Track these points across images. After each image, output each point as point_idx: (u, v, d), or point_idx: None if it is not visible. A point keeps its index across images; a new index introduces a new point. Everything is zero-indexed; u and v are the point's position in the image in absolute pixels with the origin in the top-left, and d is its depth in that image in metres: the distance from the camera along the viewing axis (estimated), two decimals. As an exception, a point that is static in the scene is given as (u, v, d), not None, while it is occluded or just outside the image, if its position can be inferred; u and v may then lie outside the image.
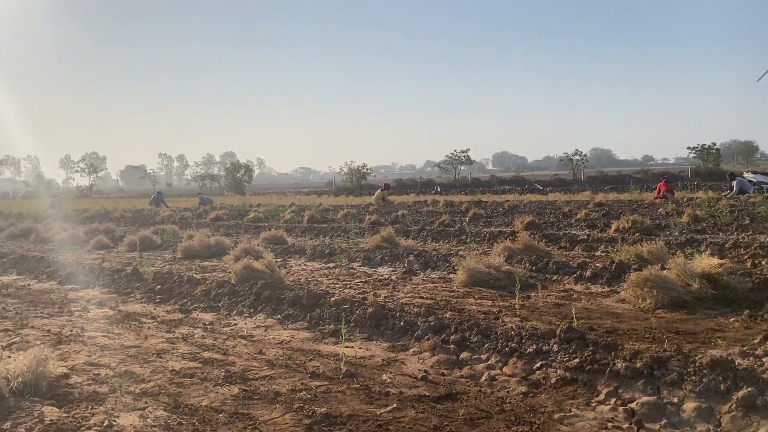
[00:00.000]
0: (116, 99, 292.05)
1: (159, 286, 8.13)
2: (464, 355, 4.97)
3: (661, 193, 23.08)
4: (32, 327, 6.24)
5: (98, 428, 3.44)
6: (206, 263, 10.58)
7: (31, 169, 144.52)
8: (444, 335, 5.30)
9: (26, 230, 18.10)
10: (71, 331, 5.98)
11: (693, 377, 3.91)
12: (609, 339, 4.76)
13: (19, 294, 8.39)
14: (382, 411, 3.72)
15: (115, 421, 3.55)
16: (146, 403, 3.88)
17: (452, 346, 5.09)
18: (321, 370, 4.56)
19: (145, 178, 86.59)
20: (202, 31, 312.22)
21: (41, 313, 7.00)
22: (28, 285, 9.23)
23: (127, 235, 14.75)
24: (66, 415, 3.63)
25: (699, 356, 4.10)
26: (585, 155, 58.78)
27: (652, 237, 10.44)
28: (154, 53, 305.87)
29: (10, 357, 4.33)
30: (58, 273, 9.81)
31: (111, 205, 35.36)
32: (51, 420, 3.52)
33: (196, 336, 5.74)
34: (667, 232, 11.90)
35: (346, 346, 5.09)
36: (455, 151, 63.19)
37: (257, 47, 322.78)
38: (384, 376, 4.45)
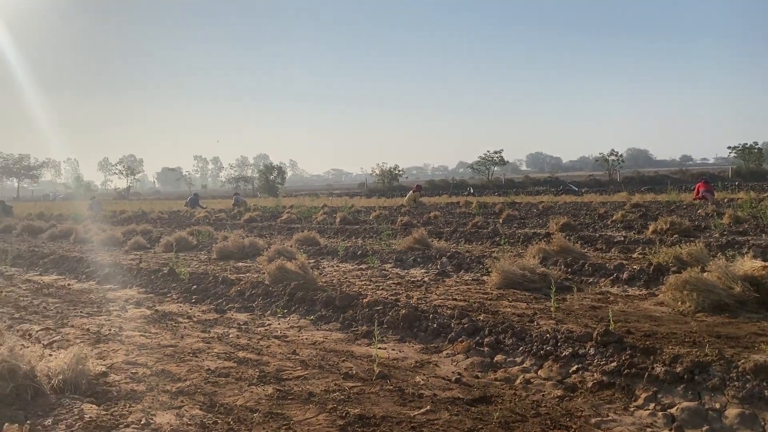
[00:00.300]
0: (153, 103, 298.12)
1: (195, 287, 8.24)
2: (498, 357, 4.92)
3: (700, 194, 22.53)
4: (72, 326, 6.38)
5: (136, 426, 3.50)
6: (240, 264, 10.69)
7: (71, 172, 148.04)
8: (478, 337, 5.26)
9: (66, 231, 18.55)
10: (110, 330, 6.10)
11: (736, 383, 3.80)
12: (647, 343, 4.65)
13: (60, 294, 8.59)
14: (416, 413, 3.70)
15: (152, 419, 3.61)
16: (182, 401, 3.93)
17: (486, 349, 5.04)
18: (354, 371, 4.56)
19: (181, 180, 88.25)
20: (236, 35, 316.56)
21: (81, 312, 7.15)
22: (69, 285, 9.45)
23: (163, 236, 15.00)
24: (105, 412, 3.69)
25: (742, 361, 3.98)
26: (621, 155, 57.86)
27: (692, 239, 10.21)
28: (189, 57, 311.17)
29: (51, 355, 4.43)
30: (96, 273, 10.02)
31: (148, 207, 36.08)
32: (90, 417, 3.58)
33: (230, 336, 5.80)
34: (707, 234, 11.61)
35: (379, 348, 5.08)
36: (488, 151, 62.88)
37: (289, 50, 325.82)
38: (417, 378, 4.43)
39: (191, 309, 7.21)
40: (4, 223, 22.85)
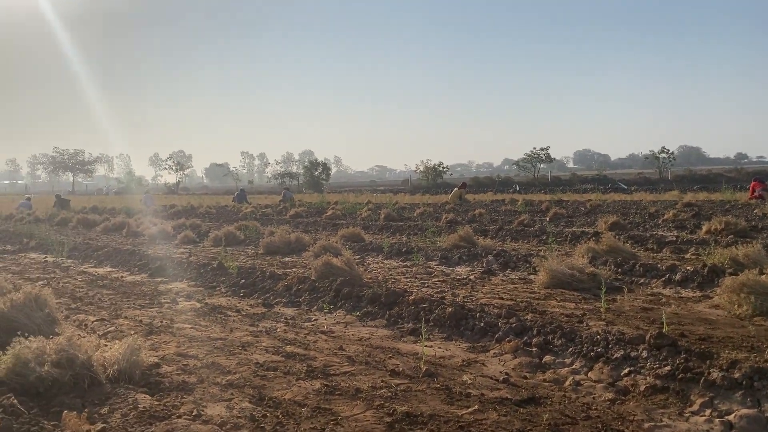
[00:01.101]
0: (202, 99, 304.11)
1: (243, 281, 8.37)
2: (547, 358, 4.84)
3: (756, 193, 21.73)
4: (126, 317, 6.56)
5: (188, 417, 3.57)
6: (287, 259, 10.82)
7: (123, 167, 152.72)
8: (525, 337, 5.19)
9: (119, 225, 19.07)
10: (161, 322, 6.25)
11: (799, 391, 3.65)
12: (703, 346, 4.51)
13: (114, 285, 8.85)
14: (464, 412, 3.67)
15: (203, 410, 3.68)
16: (232, 394, 4.00)
17: (534, 349, 4.97)
18: (401, 369, 4.56)
19: (228, 175, 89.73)
20: (282, 33, 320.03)
21: (133, 304, 7.35)
22: (122, 277, 9.73)
23: (211, 231, 15.29)
24: (158, 403, 3.78)
25: (805, 368, 3.82)
26: (672, 153, 56.39)
27: (748, 239, 9.86)
28: (238, 54, 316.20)
29: (106, 345, 4.56)
30: (148, 266, 10.29)
31: (196, 201, 36.84)
32: (144, 407, 3.68)
33: (278, 330, 5.87)
34: (765, 235, 11.19)
35: (426, 345, 5.07)
36: (534, 149, 62.10)
37: (334, 48, 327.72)
38: (464, 377, 4.40)
39: (240, 303, 7.33)
40: (61, 216, 23.66)
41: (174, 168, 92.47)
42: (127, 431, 3.35)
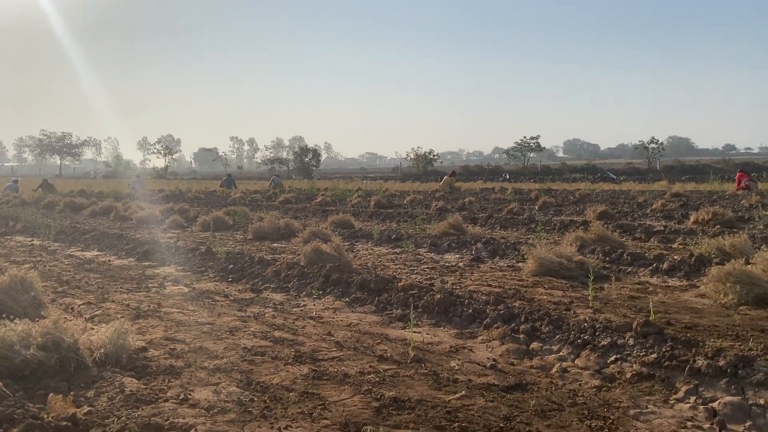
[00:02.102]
0: (192, 84, 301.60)
1: (231, 266, 8.34)
2: (534, 345, 4.87)
3: (742, 184, 21.89)
4: (113, 301, 6.52)
5: (175, 401, 3.56)
6: (276, 245, 10.79)
7: (111, 150, 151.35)
8: (513, 324, 5.21)
9: (107, 208, 18.95)
10: (149, 306, 6.21)
11: (782, 379, 3.69)
12: (688, 335, 4.55)
13: (101, 269, 8.79)
14: (451, 398, 3.69)
15: (190, 394, 3.66)
16: (219, 378, 3.99)
17: (522, 336, 4.99)
18: (389, 354, 4.56)
19: (217, 160, 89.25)
20: (271, 17, 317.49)
21: (121, 288, 7.31)
22: (109, 261, 9.67)
23: (200, 216, 15.21)
24: (144, 386, 3.77)
25: (789, 357, 3.86)
26: (661, 143, 56.63)
27: (735, 230, 9.94)
28: (227, 39, 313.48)
29: (93, 329, 4.53)
30: (136, 250, 10.22)
31: (185, 186, 36.66)
32: (131, 391, 3.66)
33: (266, 315, 5.86)
34: (751, 226, 11.29)
35: (414, 331, 5.08)
36: (524, 137, 62.11)
37: (326, 32, 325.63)
38: (452, 363, 4.42)
39: (228, 288, 7.31)
40: (48, 200, 23.45)
41: (162, 152, 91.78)
42: (114, 414, 3.33)
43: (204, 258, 9.05)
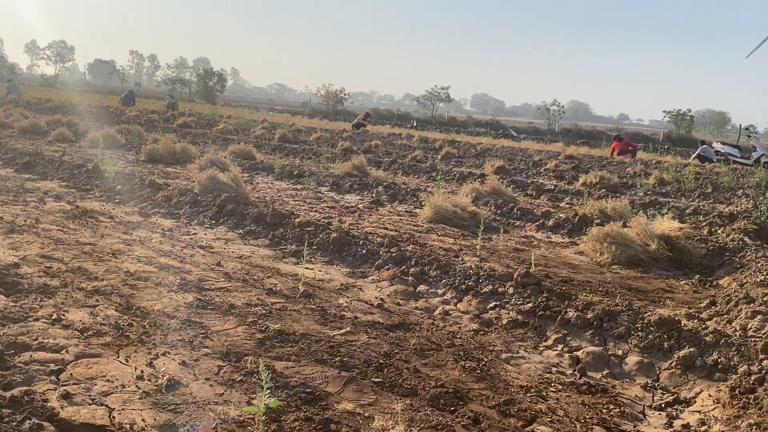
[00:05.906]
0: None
1: (119, 186, 7.94)
2: (421, 288, 5.02)
3: (614, 154, 22.62)
4: (-16, 213, 6.04)
5: (46, 321, 3.38)
6: (170, 169, 10.36)
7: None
8: (404, 267, 5.33)
9: (-16, 114, 17.39)
10: (25, 221, 5.81)
11: (639, 333, 4.03)
12: (564, 288, 4.85)
13: (-27, 178, 8.10)
14: (335, 333, 3.74)
15: (64, 315, 3.49)
16: (97, 301, 3.83)
17: (411, 278, 5.13)
18: (278, 288, 4.55)
19: (114, 74, 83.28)
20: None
21: (-5, 199, 6.78)
22: (-17, 170, 8.92)
23: (90, 131, 14.31)
24: (13, 304, 3.55)
25: (647, 314, 4.21)
26: (562, 106, 58.65)
27: (618, 195, 10.58)
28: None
29: (-42, 240, 4.20)
30: (15, 161, 9.50)
31: (76, 98, 34.14)
32: (-3, 307, 3.44)
33: (153, 241, 5.65)
34: (633, 192, 12.07)
35: (306, 268, 5.08)
36: (435, 86, 62.32)
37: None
38: (341, 300, 4.48)
39: (114, 209, 6.97)
40: None
41: (53, 59, 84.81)
42: (-24, 331, 3.12)
43: (91, 176, 8.55)
